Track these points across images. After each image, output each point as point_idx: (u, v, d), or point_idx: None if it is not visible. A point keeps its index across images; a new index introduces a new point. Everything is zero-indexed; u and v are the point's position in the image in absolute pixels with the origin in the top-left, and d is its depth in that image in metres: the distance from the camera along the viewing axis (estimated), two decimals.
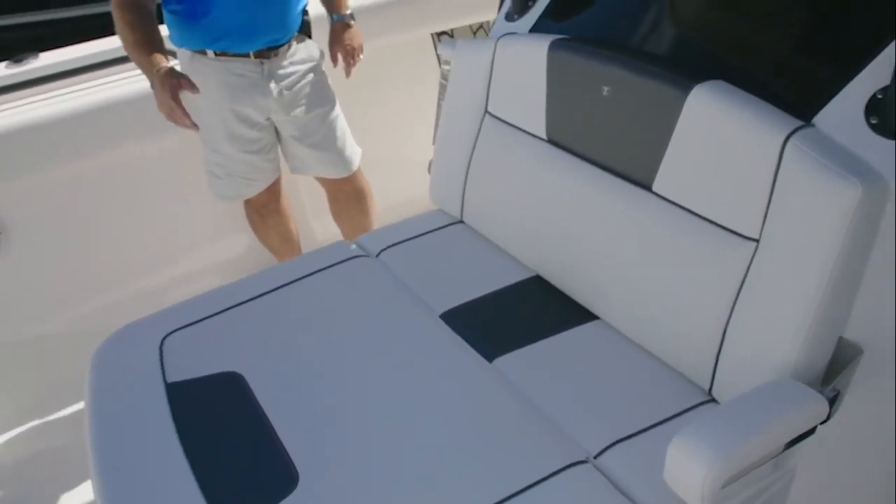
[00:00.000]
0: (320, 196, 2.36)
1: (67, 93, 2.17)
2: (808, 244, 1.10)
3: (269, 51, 2.01)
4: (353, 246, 1.82)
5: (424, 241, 1.80)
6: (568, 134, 1.53)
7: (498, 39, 1.67)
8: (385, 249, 1.77)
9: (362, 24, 2.24)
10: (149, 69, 1.83)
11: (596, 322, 1.49)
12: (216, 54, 1.97)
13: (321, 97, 2.13)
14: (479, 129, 1.74)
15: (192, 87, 1.78)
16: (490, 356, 1.42)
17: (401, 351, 1.45)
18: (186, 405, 1.35)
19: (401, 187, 2.43)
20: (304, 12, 2.14)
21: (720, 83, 1.26)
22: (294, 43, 2.07)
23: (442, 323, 1.52)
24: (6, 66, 2.18)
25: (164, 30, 1.97)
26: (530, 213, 1.61)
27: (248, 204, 2.28)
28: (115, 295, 2.30)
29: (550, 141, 1.57)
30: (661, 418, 1.25)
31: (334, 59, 2.14)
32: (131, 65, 2.21)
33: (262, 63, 2.00)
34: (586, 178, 1.47)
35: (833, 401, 1.12)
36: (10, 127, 2.03)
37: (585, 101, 1.46)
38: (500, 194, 1.71)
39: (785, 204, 1.14)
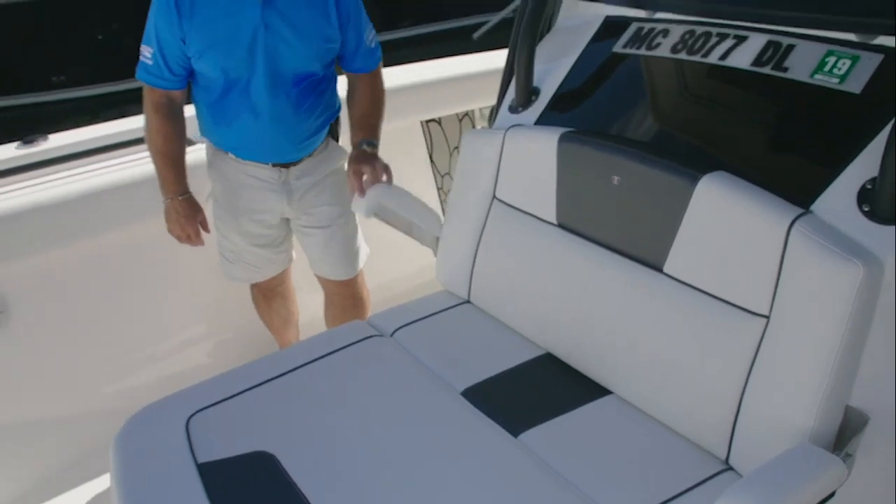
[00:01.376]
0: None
1: (75, 174, 2.23)
2: (817, 319, 1.22)
3: (288, 164, 2.05)
4: (368, 325, 1.88)
5: (436, 321, 1.87)
6: (578, 219, 1.64)
7: (507, 130, 1.80)
8: (399, 329, 1.84)
9: None
10: (168, 188, 1.92)
11: (610, 396, 1.57)
12: (236, 157, 2.03)
13: (337, 199, 2.14)
14: (488, 214, 1.85)
15: (205, 226, 1.95)
16: (515, 431, 1.48)
17: (428, 428, 1.50)
18: (221, 486, 1.37)
19: (403, 267, 2.51)
20: (336, 120, 2.15)
21: (725, 174, 1.39)
22: (317, 152, 2.10)
23: (464, 400, 1.58)
24: (17, 147, 2.23)
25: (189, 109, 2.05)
26: (541, 293, 1.70)
27: (255, 286, 2.32)
28: (122, 375, 2.30)
29: (560, 225, 1.68)
30: (683, 488, 1.32)
31: (350, 183, 1.98)
32: (137, 148, 2.30)
33: (280, 171, 2.05)
34: (597, 259, 1.58)
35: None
36: (18, 207, 2.07)
37: (596, 189, 1.58)
38: (509, 276, 1.80)
39: (792, 283, 1.25)
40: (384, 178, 1.94)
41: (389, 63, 2.24)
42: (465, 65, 2.97)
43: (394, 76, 2.86)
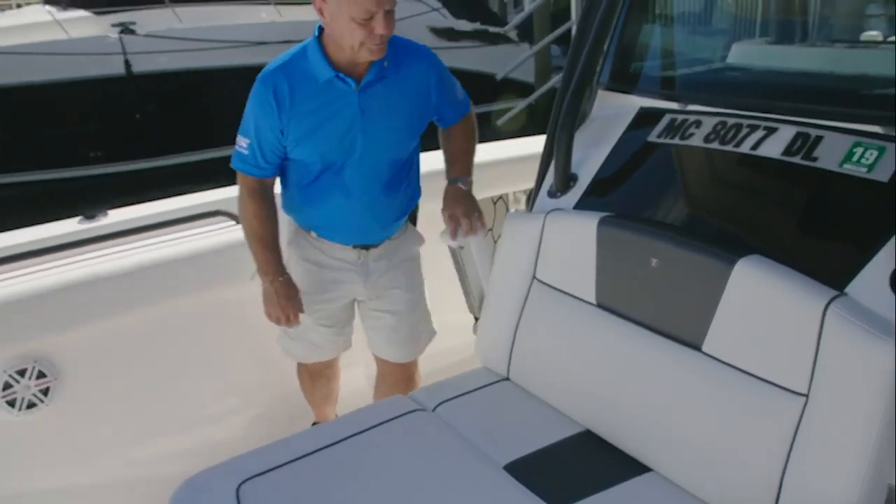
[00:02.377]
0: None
1: (129, 248, 2.34)
2: (854, 398, 1.26)
3: (369, 245, 2.10)
4: (410, 400, 1.93)
5: (476, 397, 1.92)
6: (617, 299, 1.70)
7: (547, 214, 1.88)
8: (440, 404, 1.88)
9: None
10: (267, 271, 2.01)
11: (650, 474, 1.59)
12: (318, 236, 2.10)
13: (410, 285, 2.19)
14: (528, 294, 1.92)
15: (300, 307, 2.02)
16: None
17: (473, 501, 1.53)
18: None
19: (441, 343, 2.57)
20: (416, 205, 2.21)
21: (760, 257, 1.45)
22: (396, 235, 2.14)
23: (507, 474, 1.61)
24: (79, 222, 2.36)
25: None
26: (580, 371, 1.75)
27: (303, 364, 2.36)
28: (167, 443, 2.35)
29: (600, 305, 1.74)
30: None
31: (446, 223, 2.05)
32: (186, 226, 2.42)
33: (360, 252, 2.09)
34: (637, 339, 1.63)
35: None
36: (74, 279, 2.17)
37: (635, 270, 1.65)
38: (549, 354, 1.85)
39: (830, 362, 1.30)
40: (479, 231, 2.03)
41: None
42: (501, 150, 3.09)
43: (430, 160, 3.00)
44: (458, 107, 2.13)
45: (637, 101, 2.01)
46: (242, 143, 1.95)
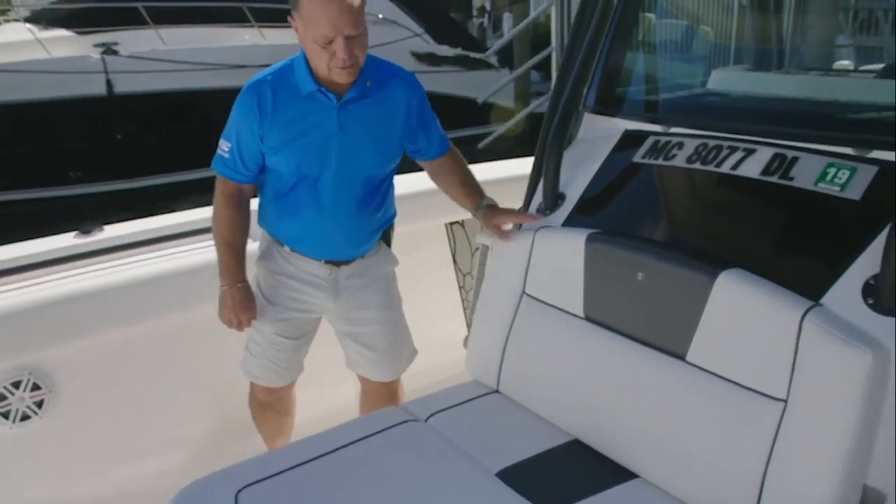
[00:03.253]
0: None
1: (126, 263, 2.38)
2: (831, 402, 1.33)
3: (342, 261, 2.12)
4: (402, 411, 1.98)
5: (467, 408, 1.97)
6: (604, 312, 1.77)
7: (536, 231, 1.96)
8: (432, 415, 1.93)
9: None
10: (227, 276, 2.05)
11: (637, 480, 1.65)
12: (290, 250, 2.12)
13: (385, 304, 2.21)
14: (517, 308, 1.98)
15: (254, 314, 2.09)
16: None
17: None
18: None
19: (432, 359, 2.62)
20: (391, 225, 2.24)
21: (741, 271, 1.53)
22: (369, 254, 2.16)
23: (499, 480, 1.66)
24: (75, 237, 2.40)
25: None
26: (569, 382, 1.81)
27: (254, 390, 2.32)
28: (162, 454, 2.37)
29: (587, 318, 1.81)
30: None
31: (490, 231, 2.09)
32: (183, 241, 2.46)
33: (331, 269, 2.11)
34: (623, 350, 1.70)
35: None
36: (72, 293, 2.20)
37: (621, 284, 1.72)
38: (538, 366, 1.91)
39: (807, 368, 1.38)
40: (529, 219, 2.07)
41: None
42: (490, 171, 3.17)
43: (420, 181, 3.07)
44: (441, 139, 2.16)
45: (622, 124, 2.10)
46: (224, 146, 2.00)
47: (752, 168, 1.71)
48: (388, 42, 9.80)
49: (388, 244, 2.27)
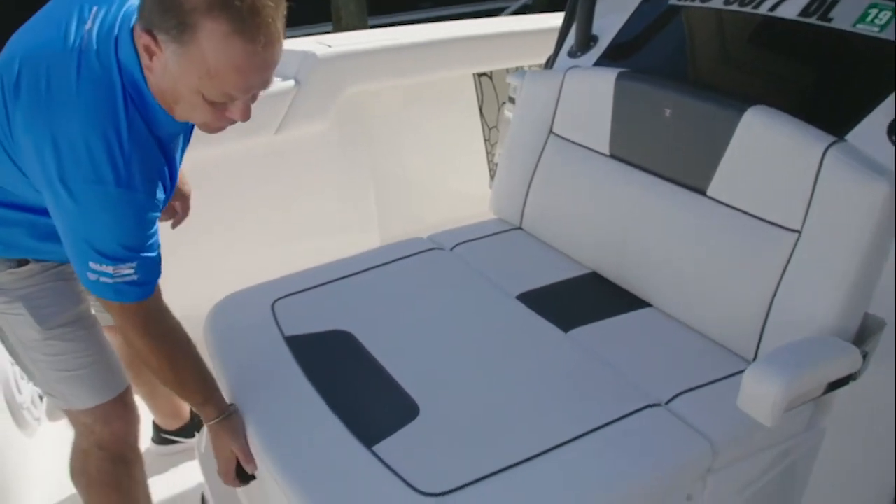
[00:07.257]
0: None
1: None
2: (843, 231, 1.39)
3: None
4: (429, 241, 2.06)
5: (491, 241, 2.06)
6: (630, 149, 1.81)
7: (566, 71, 1.97)
8: (457, 245, 2.02)
9: (417, 60, 2.49)
10: (219, 400, 1.49)
11: (650, 308, 1.75)
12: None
13: None
14: (544, 147, 2.02)
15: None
16: (565, 328, 1.66)
17: (488, 320, 1.69)
18: (307, 354, 1.57)
19: (456, 199, 2.68)
20: None
21: (767, 107, 1.55)
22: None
23: (519, 302, 1.76)
24: None
25: None
26: (591, 217, 1.88)
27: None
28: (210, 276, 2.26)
29: (613, 156, 1.85)
30: (718, 376, 1.50)
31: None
32: None
33: None
34: (646, 185, 1.75)
35: (863, 359, 1.38)
36: None
37: (649, 121, 1.75)
38: (561, 203, 1.97)
39: (824, 200, 1.42)
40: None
41: None
42: (519, 22, 3.13)
43: (449, 29, 3.04)
44: None
45: None
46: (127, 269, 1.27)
47: (791, 9, 1.69)
48: None
49: None
